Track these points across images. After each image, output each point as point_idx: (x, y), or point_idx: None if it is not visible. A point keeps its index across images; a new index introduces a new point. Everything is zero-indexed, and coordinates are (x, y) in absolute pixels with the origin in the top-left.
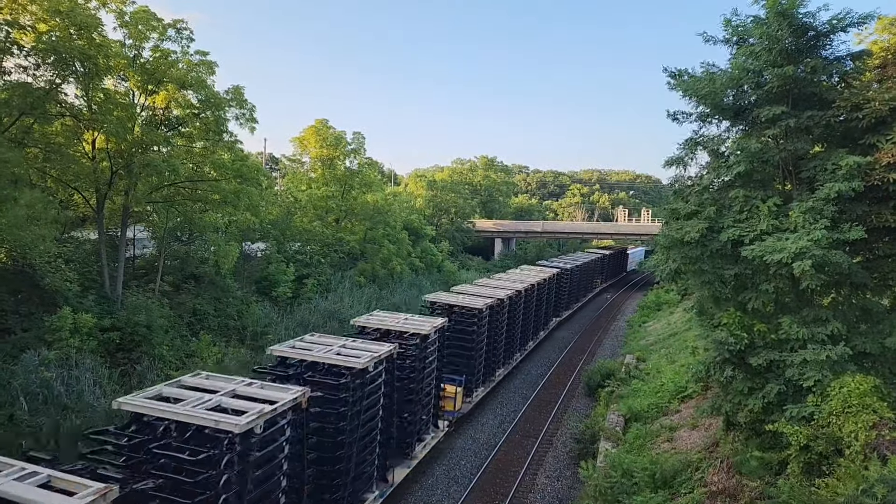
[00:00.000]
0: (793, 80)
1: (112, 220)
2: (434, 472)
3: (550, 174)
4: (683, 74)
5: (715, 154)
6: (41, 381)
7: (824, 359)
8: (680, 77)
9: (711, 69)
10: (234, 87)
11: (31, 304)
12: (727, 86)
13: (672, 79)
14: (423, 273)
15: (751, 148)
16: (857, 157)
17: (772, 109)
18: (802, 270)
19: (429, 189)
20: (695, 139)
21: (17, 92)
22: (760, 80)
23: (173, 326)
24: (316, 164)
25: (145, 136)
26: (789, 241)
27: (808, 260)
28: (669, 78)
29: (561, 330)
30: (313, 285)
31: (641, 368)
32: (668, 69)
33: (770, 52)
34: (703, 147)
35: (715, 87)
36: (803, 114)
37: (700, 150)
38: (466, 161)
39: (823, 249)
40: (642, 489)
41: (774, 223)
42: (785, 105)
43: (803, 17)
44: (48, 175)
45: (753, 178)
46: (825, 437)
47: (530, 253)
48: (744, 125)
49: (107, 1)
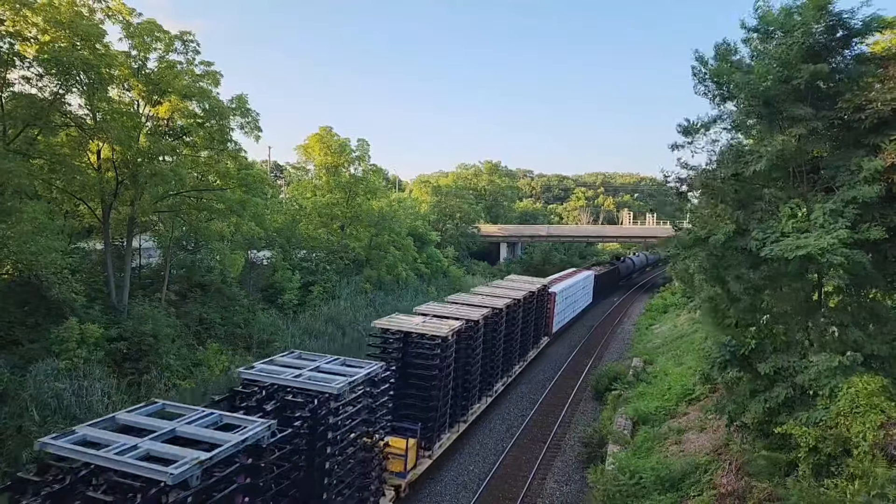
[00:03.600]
0: (820, 78)
1: (118, 231)
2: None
3: (555, 178)
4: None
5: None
6: (52, 391)
7: (836, 365)
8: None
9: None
10: (238, 96)
11: (38, 315)
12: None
13: (702, 66)
14: (428, 279)
15: (775, 145)
16: (878, 161)
17: (800, 108)
18: (831, 264)
19: (433, 194)
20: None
21: (21, 103)
22: (788, 75)
23: (180, 335)
24: (320, 172)
25: (150, 145)
26: (811, 239)
27: (837, 256)
28: (699, 64)
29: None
30: (319, 292)
31: (649, 371)
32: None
33: (801, 46)
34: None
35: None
36: (821, 114)
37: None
38: (471, 166)
39: (848, 248)
40: (651, 492)
41: (796, 224)
42: (806, 104)
43: (841, 14)
44: (54, 186)
45: (773, 177)
46: (833, 438)
47: (536, 257)
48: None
49: (113, 13)
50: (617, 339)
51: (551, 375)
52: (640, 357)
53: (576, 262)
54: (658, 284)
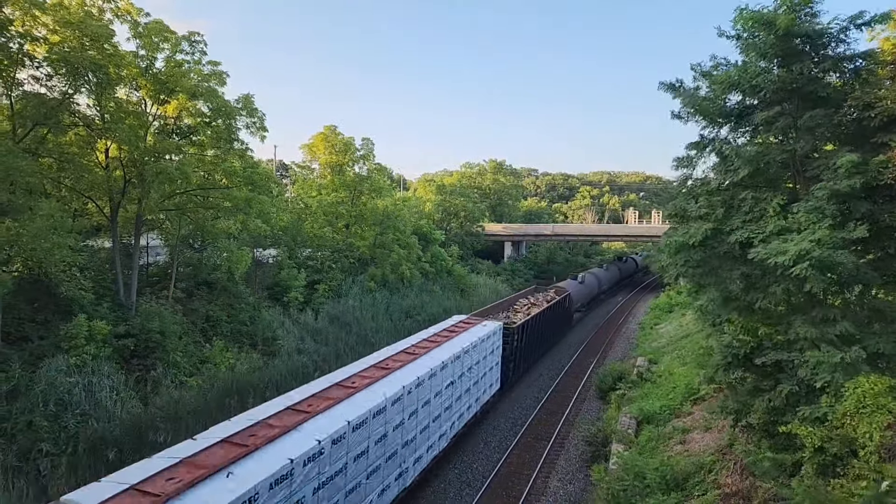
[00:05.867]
0: (797, 80)
1: (126, 229)
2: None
3: (560, 177)
4: (680, 88)
5: (721, 156)
6: (63, 387)
7: (838, 360)
8: (677, 90)
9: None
10: (245, 95)
11: (48, 313)
12: (728, 90)
13: (671, 91)
14: (433, 278)
15: (749, 153)
16: (853, 156)
17: (767, 112)
18: (803, 273)
19: (438, 193)
20: (702, 142)
21: (31, 102)
22: (759, 82)
23: (187, 333)
24: (325, 171)
25: (158, 144)
26: (792, 244)
27: (805, 263)
28: (669, 91)
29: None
30: (324, 290)
31: (653, 371)
32: (664, 83)
33: (773, 49)
34: (711, 149)
35: (711, 96)
36: (803, 114)
37: (707, 151)
38: (475, 165)
39: (827, 249)
40: (655, 491)
41: (782, 224)
42: (787, 104)
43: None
44: (62, 185)
45: (762, 178)
46: (839, 438)
47: (541, 256)
48: (746, 128)
49: (122, 12)
50: (622, 338)
51: (556, 374)
52: (644, 357)
53: (581, 261)
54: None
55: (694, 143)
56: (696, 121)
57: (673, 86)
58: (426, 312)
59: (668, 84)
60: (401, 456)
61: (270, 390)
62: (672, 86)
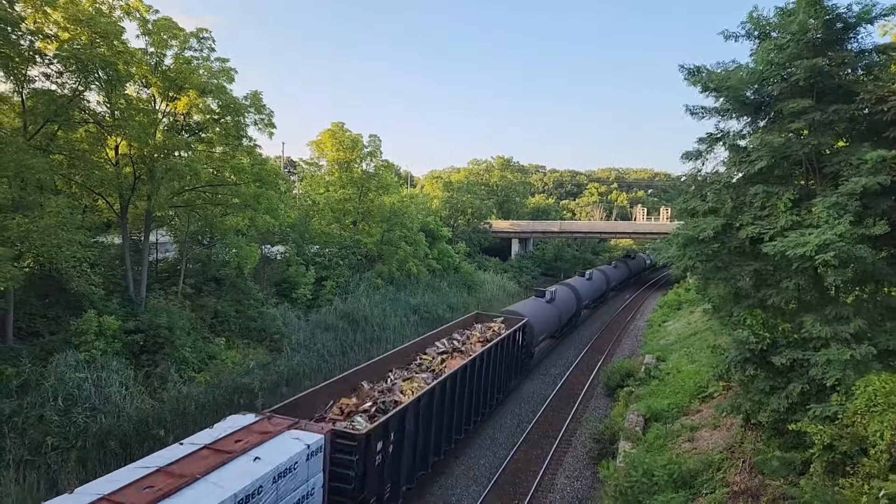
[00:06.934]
0: (819, 72)
1: (135, 225)
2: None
3: (567, 173)
4: (702, 70)
5: (735, 149)
6: (73, 382)
7: (848, 358)
8: (698, 73)
9: (729, 66)
10: (253, 92)
11: (58, 308)
12: (749, 80)
13: (690, 76)
14: (440, 275)
15: (774, 143)
16: (881, 151)
17: (799, 103)
18: (825, 262)
19: (445, 190)
20: (714, 135)
21: (41, 99)
22: (785, 73)
23: (195, 328)
24: (333, 168)
25: (167, 141)
26: (812, 236)
27: (830, 252)
28: (687, 75)
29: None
30: (332, 287)
31: (661, 368)
32: (684, 66)
33: (798, 43)
34: (723, 143)
35: (736, 81)
36: (829, 108)
37: (719, 145)
38: (482, 161)
39: (848, 243)
40: (663, 489)
41: (794, 219)
42: (810, 99)
43: (835, 7)
44: (73, 181)
45: (774, 174)
46: (849, 437)
47: (548, 253)
48: (766, 120)
49: (131, 10)
50: (630, 336)
51: (562, 371)
52: (652, 354)
53: (588, 258)
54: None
55: (705, 136)
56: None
57: (697, 70)
58: (433, 311)
59: (688, 69)
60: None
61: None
62: (693, 70)
